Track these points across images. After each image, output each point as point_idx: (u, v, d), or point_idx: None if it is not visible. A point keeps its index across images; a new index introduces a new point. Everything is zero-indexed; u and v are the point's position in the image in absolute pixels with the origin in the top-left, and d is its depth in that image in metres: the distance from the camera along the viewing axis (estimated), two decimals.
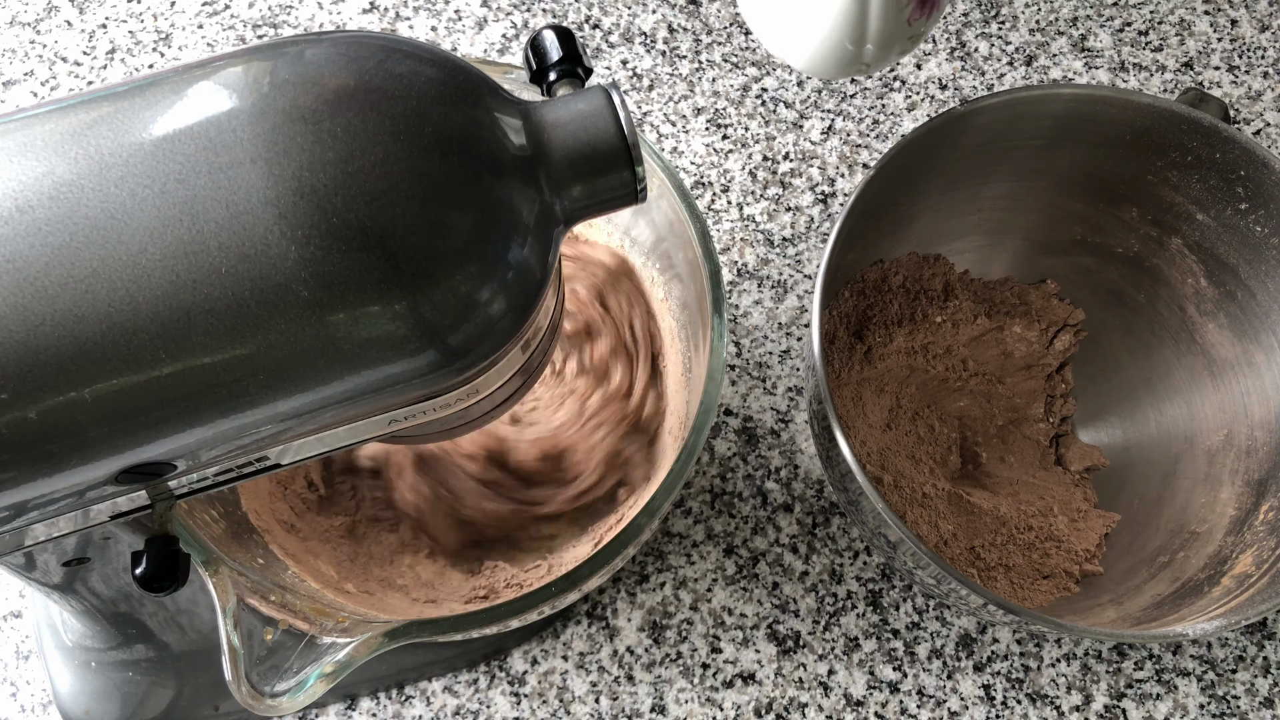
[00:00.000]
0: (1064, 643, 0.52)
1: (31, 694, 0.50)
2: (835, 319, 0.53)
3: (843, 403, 0.51)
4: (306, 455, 0.32)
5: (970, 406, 0.55)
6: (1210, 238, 0.49)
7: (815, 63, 0.44)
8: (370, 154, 0.24)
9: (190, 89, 0.25)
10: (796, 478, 0.54)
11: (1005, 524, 0.50)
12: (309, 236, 0.24)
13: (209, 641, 0.48)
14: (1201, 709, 0.50)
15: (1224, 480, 0.49)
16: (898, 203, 0.50)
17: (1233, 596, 0.43)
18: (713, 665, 0.51)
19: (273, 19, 0.64)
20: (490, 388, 0.32)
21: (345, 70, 0.25)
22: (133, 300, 0.23)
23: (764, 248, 0.59)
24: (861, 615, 0.52)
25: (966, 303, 0.55)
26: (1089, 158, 0.50)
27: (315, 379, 0.26)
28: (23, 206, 0.24)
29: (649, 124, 0.61)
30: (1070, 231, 0.54)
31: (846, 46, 0.42)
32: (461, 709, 0.50)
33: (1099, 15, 0.65)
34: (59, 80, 0.63)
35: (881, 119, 0.62)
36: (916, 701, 0.50)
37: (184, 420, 0.25)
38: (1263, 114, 0.63)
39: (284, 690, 0.34)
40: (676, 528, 0.53)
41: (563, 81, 0.31)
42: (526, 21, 0.64)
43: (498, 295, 0.26)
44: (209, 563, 0.36)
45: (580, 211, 0.28)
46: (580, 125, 0.28)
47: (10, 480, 0.25)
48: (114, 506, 0.30)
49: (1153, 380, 0.54)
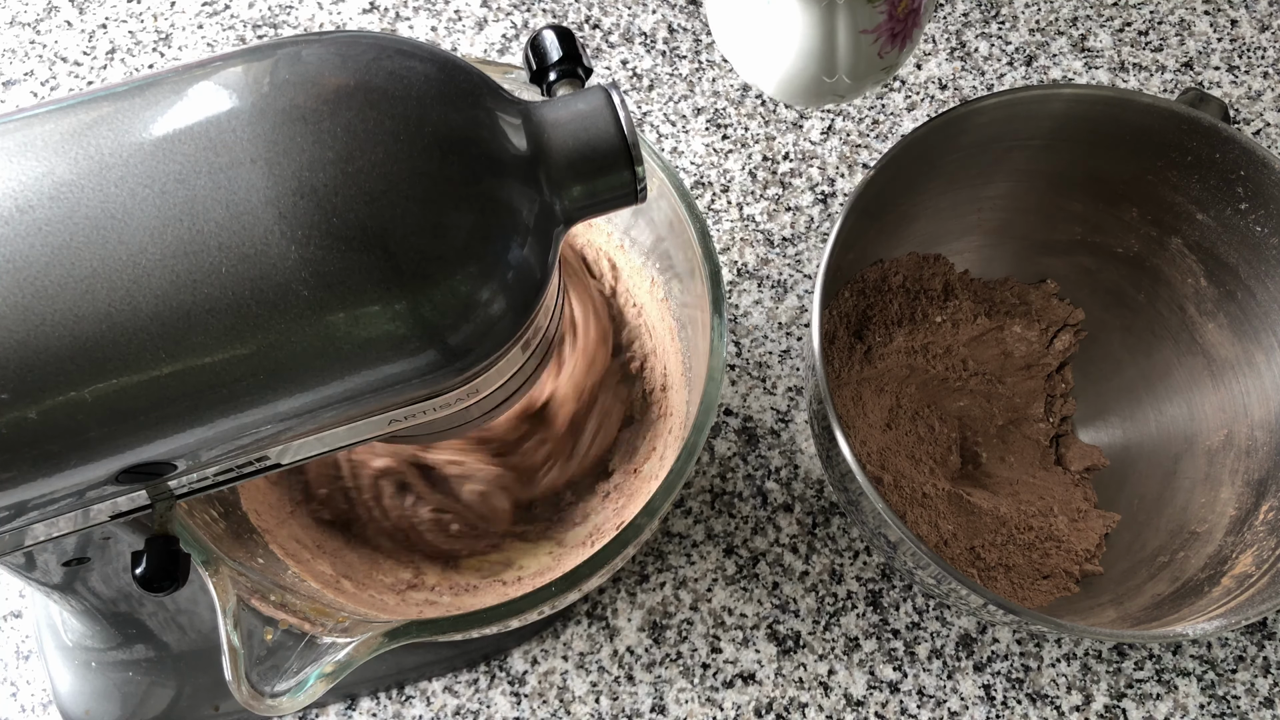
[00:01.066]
0: (1064, 643, 0.52)
1: (31, 694, 0.50)
2: (835, 319, 0.53)
3: (843, 403, 0.51)
4: (306, 455, 0.32)
5: (970, 406, 0.55)
6: (1210, 238, 0.49)
7: (787, 93, 0.44)
8: (370, 154, 0.24)
9: (190, 89, 0.25)
10: (796, 478, 0.54)
11: (1005, 524, 0.50)
12: (309, 236, 0.24)
13: (209, 641, 0.48)
14: (1201, 709, 0.50)
15: (1224, 480, 0.49)
16: (898, 203, 0.50)
17: (1233, 596, 0.43)
18: (713, 665, 0.51)
19: (273, 19, 0.64)
20: (490, 387, 0.32)
21: (345, 70, 0.25)
22: (133, 300, 0.23)
23: (764, 248, 0.59)
24: (861, 615, 0.52)
25: (966, 303, 0.55)
26: (1089, 158, 0.50)
27: (315, 379, 0.26)
28: (23, 206, 0.24)
29: (649, 124, 0.61)
30: (1070, 231, 0.54)
31: (820, 79, 0.42)
32: (461, 709, 0.50)
33: (1099, 15, 0.65)
34: (59, 80, 0.63)
35: (881, 119, 0.62)
36: (916, 701, 0.50)
37: (184, 420, 0.25)
38: (1263, 114, 0.63)
39: (284, 690, 0.34)
40: (676, 528, 0.53)
41: (563, 81, 0.31)
42: (526, 21, 0.64)
43: (498, 295, 0.26)
44: (209, 563, 0.36)
45: (580, 211, 0.28)
46: (580, 125, 0.28)
47: (10, 480, 0.25)
48: (114, 506, 0.30)
49: (1153, 380, 0.54)
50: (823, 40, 0.41)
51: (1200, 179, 0.48)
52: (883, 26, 0.40)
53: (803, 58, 0.41)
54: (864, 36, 0.40)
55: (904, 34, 0.41)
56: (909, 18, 0.41)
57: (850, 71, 0.42)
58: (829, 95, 0.43)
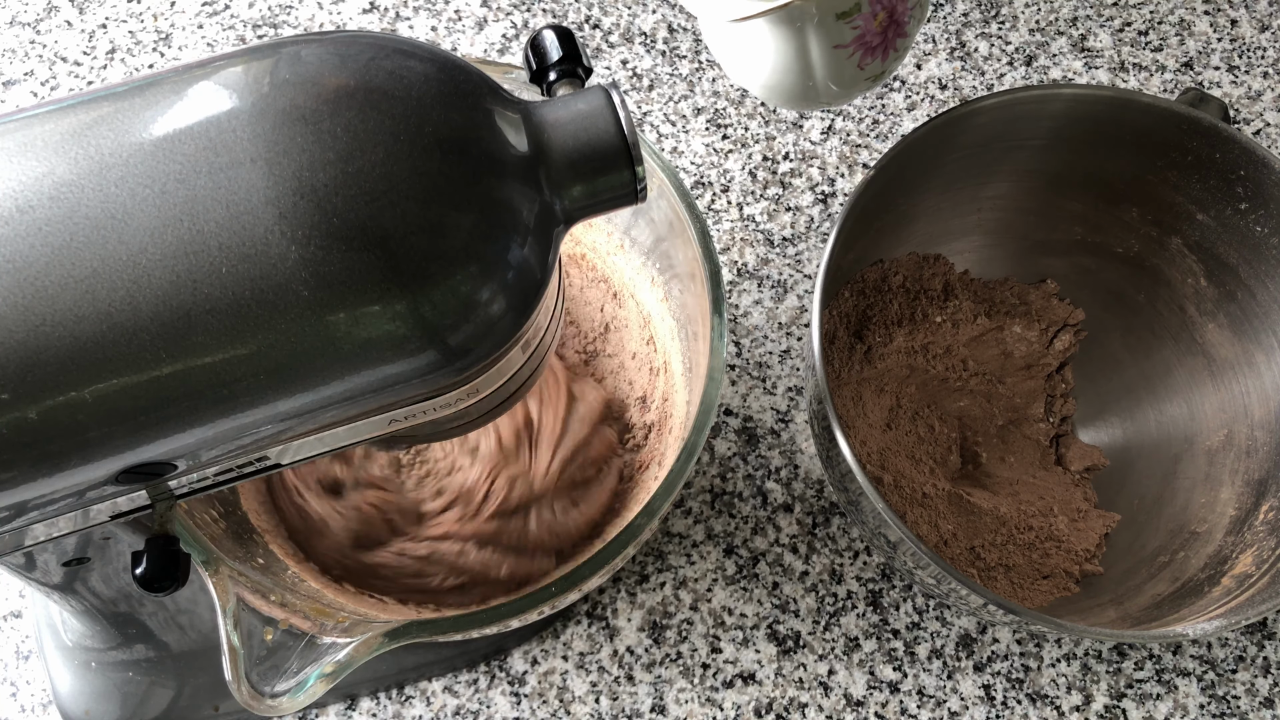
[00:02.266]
0: (1064, 643, 0.52)
1: (31, 694, 0.50)
2: (835, 319, 0.53)
3: (843, 403, 0.51)
4: (306, 455, 0.32)
5: (970, 406, 0.55)
6: (1210, 238, 0.49)
7: (775, 101, 0.44)
8: (370, 154, 0.24)
9: (190, 89, 0.25)
10: (796, 478, 0.54)
11: (1005, 524, 0.50)
12: (309, 236, 0.24)
13: (209, 641, 0.48)
14: (1201, 709, 0.50)
15: (1224, 480, 0.49)
16: (898, 203, 0.50)
17: (1233, 596, 0.43)
18: (713, 665, 0.51)
19: (273, 19, 0.64)
20: (490, 387, 0.32)
21: (345, 70, 0.25)
22: (133, 300, 0.23)
23: (764, 248, 0.59)
24: (861, 615, 0.52)
25: (966, 303, 0.55)
26: (1089, 158, 0.50)
27: (315, 379, 0.26)
28: (23, 206, 0.24)
29: (649, 124, 0.61)
30: (1070, 231, 0.54)
31: (804, 89, 0.42)
32: (461, 709, 0.50)
33: (1099, 15, 0.65)
34: (59, 80, 0.63)
35: (881, 119, 0.62)
36: (916, 701, 0.50)
37: (184, 420, 0.25)
38: (1263, 114, 0.63)
39: (284, 690, 0.34)
40: (676, 528, 0.53)
41: (563, 81, 0.31)
42: (526, 21, 0.64)
43: (498, 295, 0.26)
44: (209, 563, 0.36)
45: (580, 211, 0.28)
46: (580, 125, 0.28)
47: (10, 480, 0.25)
48: (114, 506, 0.30)
49: (1153, 380, 0.54)
50: (796, 56, 0.41)
51: (1200, 179, 0.48)
52: (857, 41, 0.40)
53: (779, 72, 0.42)
54: (839, 51, 0.40)
55: (884, 45, 0.41)
56: (888, 29, 0.40)
57: (834, 81, 0.42)
58: (818, 102, 0.43)
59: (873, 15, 0.39)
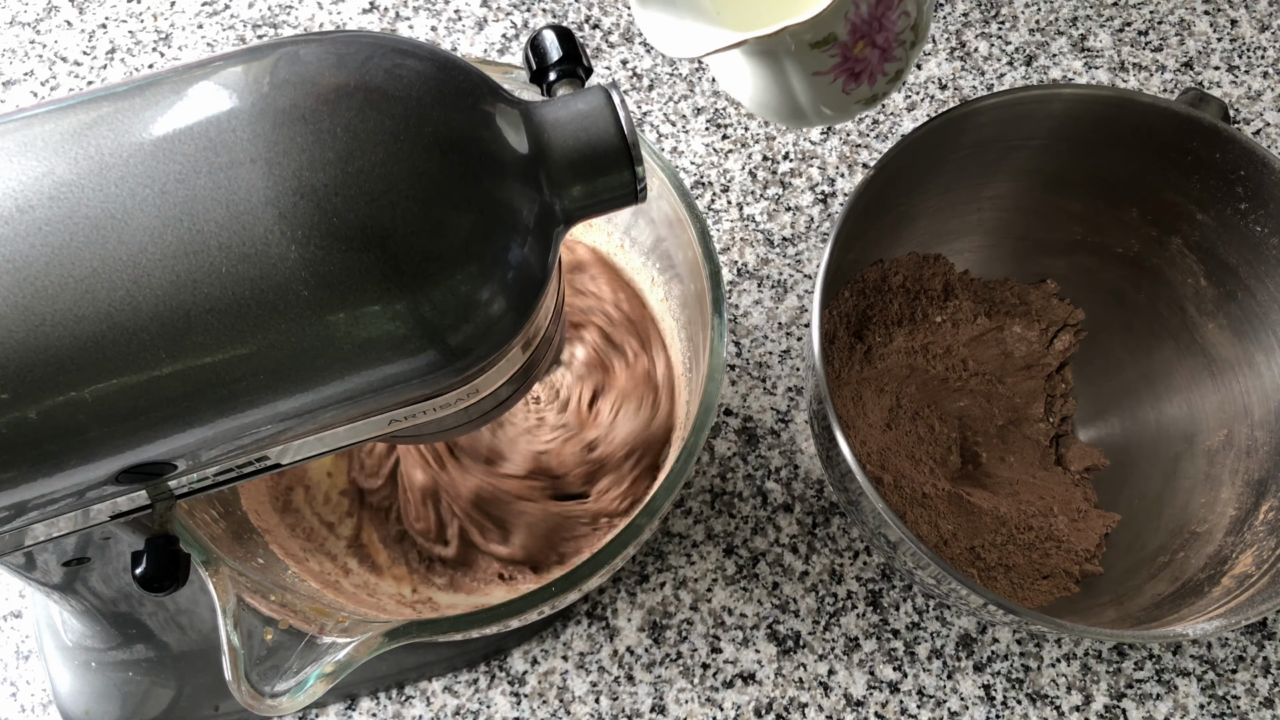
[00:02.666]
0: (1064, 643, 0.52)
1: (31, 694, 0.50)
2: (835, 319, 0.53)
3: (843, 403, 0.51)
4: (306, 455, 0.32)
5: (970, 406, 0.55)
6: (1210, 238, 0.49)
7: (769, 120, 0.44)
8: (370, 154, 0.24)
9: (190, 89, 0.25)
10: (796, 478, 0.54)
11: (1005, 524, 0.50)
12: (309, 236, 0.24)
13: (209, 641, 0.48)
14: (1201, 709, 0.50)
15: (1224, 480, 0.49)
16: (898, 203, 0.50)
17: (1233, 596, 0.43)
18: (713, 665, 0.51)
19: (273, 19, 0.64)
20: (490, 387, 0.32)
21: (345, 70, 0.25)
22: (133, 300, 0.23)
23: (764, 248, 0.59)
24: (861, 615, 0.52)
25: (966, 303, 0.55)
26: (1089, 158, 0.50)
27: (315, 379, 0.26)
28: (23, 206, 0.24)
29: (649, 124, 0.61)
30: (1070, 231, 0.54)
31: (791, 111, 0.42)
32: (461, 709, 0.50)
33: (1099, 15, 0.65)
34: (59, 80, 0.63)
35: (881, 119, 0.62)
36: (916, 701, 0.50)
37: (184, 420, 0.25)
38: (1263, 114, 0.63)
39: (284, 690, 0.34)
40: (676, 528, 0.53)
41: (563, 81, 0.31)
42: (526, 21, 0.64)
43: (498, 295, 0.26)
44: (209, 563, 0.36)
45: (580, 211, 0.28)
46: (580, 125, 0.28)
47: (10, 480, 0.25)
48: (114, 506, 0.30)
49: (1153, 380, 0.54)
50: (776, 84, 0.40)
51: (1200, 179, 0.48)
52: (837, 68, 0.39)
53: (766, 93, 0.41)
54: (819, 78, 0.39)
55: (869, 71, 0.40)
56: (871, 55, 0.40)
57: (823, 105, 0.41)
58: (811, 123, 0.43)
59: (851, 43, 0.39)
